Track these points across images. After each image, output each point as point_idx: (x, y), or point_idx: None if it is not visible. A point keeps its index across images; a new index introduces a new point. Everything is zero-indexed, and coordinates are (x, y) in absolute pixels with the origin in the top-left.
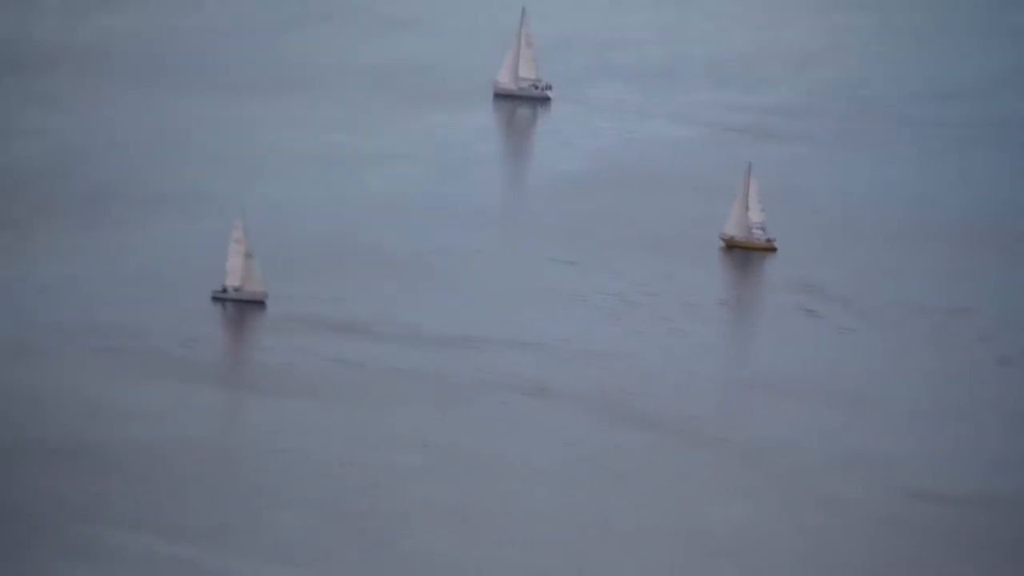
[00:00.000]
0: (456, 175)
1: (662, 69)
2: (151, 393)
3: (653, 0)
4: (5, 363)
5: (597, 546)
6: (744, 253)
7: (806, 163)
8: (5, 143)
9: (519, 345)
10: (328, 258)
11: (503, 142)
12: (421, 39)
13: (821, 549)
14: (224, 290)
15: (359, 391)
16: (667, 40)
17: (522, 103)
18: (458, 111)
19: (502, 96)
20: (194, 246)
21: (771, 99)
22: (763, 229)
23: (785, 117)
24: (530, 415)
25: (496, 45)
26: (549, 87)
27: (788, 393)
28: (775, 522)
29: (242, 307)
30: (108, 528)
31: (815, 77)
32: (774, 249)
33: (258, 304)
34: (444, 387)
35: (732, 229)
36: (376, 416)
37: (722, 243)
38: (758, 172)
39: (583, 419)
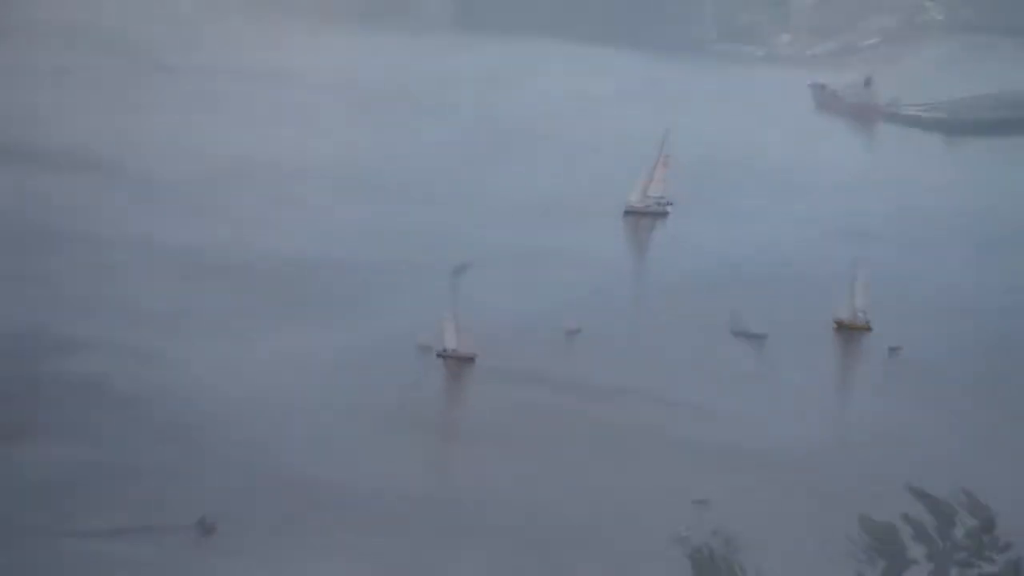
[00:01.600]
0: (601, 275)
1: (786, 180)
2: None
3: (794, 117)
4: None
5: None
6: (850, 331)
7: (903, 259)
8: None
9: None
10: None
11: (629, 247)
12: (595, 165)
13: None
14: (445, 350)
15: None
16: (796, 154)
17: (644, 217)
18: (595, 226)
19: (630, 213)
20: (418, 325)
21: (879, 208)
22: (864, 312)
23: (889, 223)
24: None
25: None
26: (669, 203)
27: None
28: None
29: (458, 361)
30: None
31: (924, 190)
32: (869, 328)
33: (468, 360)
34: (608, 431)
35: (842, 314)
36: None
37: (835, 325)
38: (863, 267)
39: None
